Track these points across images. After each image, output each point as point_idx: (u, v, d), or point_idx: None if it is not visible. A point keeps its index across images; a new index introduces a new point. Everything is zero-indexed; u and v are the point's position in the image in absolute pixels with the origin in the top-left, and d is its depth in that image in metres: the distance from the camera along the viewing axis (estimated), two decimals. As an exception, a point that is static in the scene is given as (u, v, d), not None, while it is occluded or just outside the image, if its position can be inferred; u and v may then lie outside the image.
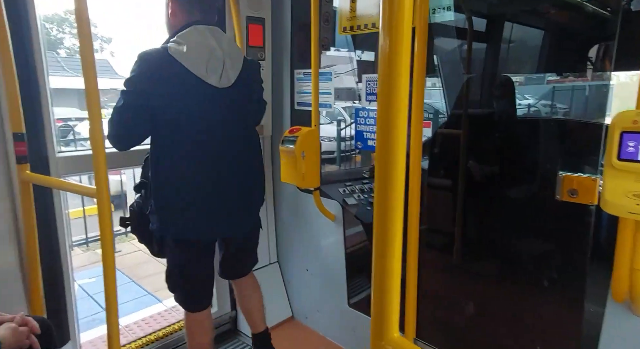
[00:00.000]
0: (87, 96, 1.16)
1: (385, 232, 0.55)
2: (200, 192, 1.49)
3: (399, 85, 0.53)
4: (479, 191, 2.26)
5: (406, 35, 0.52)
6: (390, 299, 0.56)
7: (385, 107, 0.55)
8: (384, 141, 0.55)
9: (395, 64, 0.53)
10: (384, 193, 0.55)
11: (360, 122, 1.99)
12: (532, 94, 2.92)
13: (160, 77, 1.37)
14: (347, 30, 1.95)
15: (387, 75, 0.54)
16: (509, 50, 2.58)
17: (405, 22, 0.52)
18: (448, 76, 2.69)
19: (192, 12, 1.47)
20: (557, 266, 1.85)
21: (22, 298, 1.56)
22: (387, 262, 0.55)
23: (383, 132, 0.55)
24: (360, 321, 2.11)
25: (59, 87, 18.59)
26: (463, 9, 2.08)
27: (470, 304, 2.12)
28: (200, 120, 1.45)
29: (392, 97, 0.54)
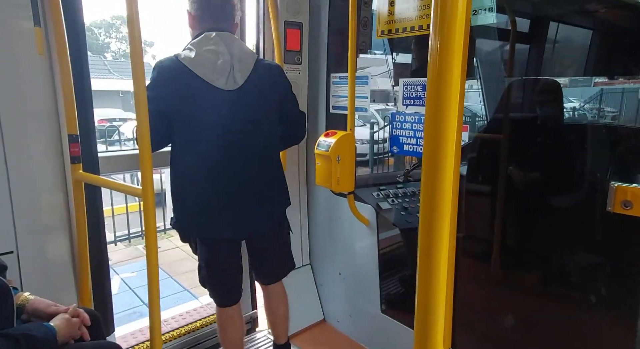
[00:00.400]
0: (136, 98, 1.21)
1: (431, 243, 0.53)
2: (208, 192, 1.56)
3: (450, 87, 0.52)
4: (519, 199, 2.17)
5: (458, 36, 0.51)
6: (437, 313, 0.55)
7: (434, 111, 0.53)
8: (433, 146, 0.53)
9: (446, 66, 0.51)
10: (431, 202, 0.54)
11: (396, 126, 1.97)
12: (578, 96, 2.78)
13: (172, 83, 1.46)
14: (384, 34, 1.93)
15: (437, 77, 0.52)
16: (554, 52, 2.47)
17: (458, 22, 0.51)
18: (488, 79, 2.61)
19: (205, 21, 1.56)
20: (606, 281, 1.74)
21: (72, 289, 1.65)
22: (432, 273, 0.54)
23: (431, 137, 0.54)
24: (394, 327, 2.07)
25: (105, 89, 19.67)
26: (506, 10, 2.02)
27: (508, 317, 2.04)
28: (209, 122, 1.50)
29: (442, 100, 0.52)
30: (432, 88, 0.54)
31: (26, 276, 1.54)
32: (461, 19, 0.53)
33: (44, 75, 1.52)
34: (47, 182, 1.59)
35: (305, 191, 2.50)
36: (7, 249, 1.50)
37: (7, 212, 1.50)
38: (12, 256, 1.51)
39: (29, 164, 1.53)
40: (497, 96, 2.31)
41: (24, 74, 1.49)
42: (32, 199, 1.55)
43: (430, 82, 0.54)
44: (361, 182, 2.50)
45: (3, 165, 1.47)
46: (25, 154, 1.52)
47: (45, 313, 1.22)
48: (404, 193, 2.48)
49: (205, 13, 1.55)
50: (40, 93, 1.53)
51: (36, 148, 1.55)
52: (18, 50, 1.46)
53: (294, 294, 2.47)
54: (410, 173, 2.53)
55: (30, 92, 1.51)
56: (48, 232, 1.61)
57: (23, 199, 1.53)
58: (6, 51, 1.43)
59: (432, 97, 0.54)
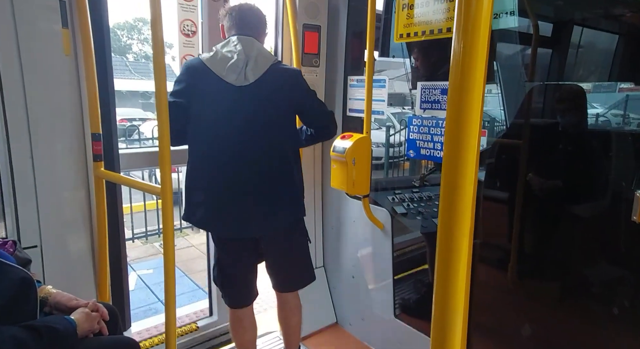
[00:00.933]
0: (157, 98, 1.23)
1: (450, 250, 0.53)
2: (211, 187, 1.57)
3: (472, 92, 0.51)
4: (539, 206, 2.12)
5: (482, 40, 0.50)
6: (455, 321, 0.54)
7: (455, 115, 0.53)
8: (454, 151, 0.53)
9: (468, 70, 0.51)
10: (450, 208, 0.53)
11: (413, 130, 1.95)
12: (601, 102, 2.71)
13: (190, 78, 1.56)
14: (403, 37, 1.93)
15: (459, 81, 0.52)
16: (577, 56, 2.41)
17: (482, 26, 0.50)
18: (508, 83, 2.56)
19: (232, 29, 1.68)
20: (631, 294, 1.68)
21: (91, 284, 1.70)
22: (451, 281, 0.53)
23: (452, 142, 0.53)
24: (407, 333, 2.05)
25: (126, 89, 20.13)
26: (528, 13, 1.98)
27: (525, 327, 1.99)
28: (217, 114, 1.55)
29: (464, 105, 0.52)
30: (455, 92, 0.53)
31: (49, 270, 1.59)
32: (485, 23, 0.52)
33: (69, 75, 1.57)
34: (70, 179, 1.63)
35: (320, 193, 2.50)
36: (32, 244, 1.55)
37: (33, 207, 1.55)
38: (36, 250, 1.56)
39: (54, 161, 1.58)
40: (518, 100, 2.27)
41: (51, 74, 1.54)
42: (56, 195, 1.60)
43: (452, 86, 0.54)
44: (377, 186, 2.49)
45: (29, 162, 1.53)
46: (50, 151, 1.57)
47: (67, 307, 1.25)
48: (420, 198, 2.46)
49: (234, 24, 1.66)
50: (66, 92, 1.58)
51: (61, 146, 1.60)
52: (46, 50, 1.52)
53: (306, 297, 2.47)
54: (426, 178, 2.51)
55: (56, 91, 1.56)
56: (70, 228, 1.66)
57: (47, 195, 1.58)
58: (35, 51, 1.49)
59: (454, 102, 0.54)
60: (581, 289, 1.87)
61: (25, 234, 1.55)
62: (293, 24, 2.07)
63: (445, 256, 0.55)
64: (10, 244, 1.25)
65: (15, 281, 1.07)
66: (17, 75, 1.46)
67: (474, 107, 0.52)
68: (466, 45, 0.52)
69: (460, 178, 0.53)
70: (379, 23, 2.06)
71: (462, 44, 0.53)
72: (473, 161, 0.54)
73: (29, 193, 1.54)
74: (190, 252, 4.02)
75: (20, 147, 1.50)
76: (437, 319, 0.57)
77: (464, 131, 0.53)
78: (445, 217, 0.56)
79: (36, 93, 1.51)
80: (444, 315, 0.56)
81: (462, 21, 0.52)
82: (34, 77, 1.50)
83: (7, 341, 0.98)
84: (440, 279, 0.56)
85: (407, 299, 2.24)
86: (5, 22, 1.42)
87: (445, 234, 0.55)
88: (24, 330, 1.03)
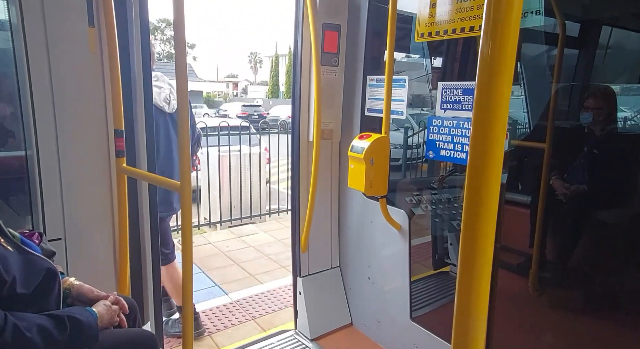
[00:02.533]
0: (178, 96, 1.25)
1: (474, 255, 0.51)
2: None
3: (501, 93, 0.50)
4: (562, 211, 2.06)
5: (512, 40, 0.49)
6: (477, 328, 0.52)
7: (482, 116, 0.51)
8: (479, 153, 0.51)
9: (497, 71, 0.49)
10: (475, 207, 0.52)
11: (433, 131, 1.92)
12: (630, 105, 2.61)
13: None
14: (424, 36, 1.90)
15: (487, 83, 0.50)
16: (606, 57, 2.33)
17: (512, 26, 0.48)
18: (532, 85, 2.50)
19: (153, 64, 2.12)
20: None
21: (112, 278, 1.73)
22: (474, 286, 0.52)
23: (478, 144, 0.52)
24: (423, 337, 2.02)
25: (148, 89, 20.46)
26: (555, 13, 1.92)
27: (547, 335, 1.94)
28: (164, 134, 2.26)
29: (491, 106, 0.50)
30: (482, 93, 0.52)
31: (72, 262, 1.63)
32: (515, 23, 0.51)
33: (95, 72, 1.61)
34: (94, 174, 1.67)
35: (337, 193, 2.49)
36: (56, 236, 1.60)
37: (58, 201, 1.59)
38: (60, 243, 1.60)
39: (79, 157, 1.63)
40: (542, 102, 2.20)
41: (78, 71, 1.58)
42: (81, 190, 1.64)
43: (479, 86, 0.52)
44: (395, 187, 2.46)
45: (56, 157, 1.57)
46: (76, 147, 1.61)
47: (88, 298, 1.28)
48: (439, 200, 2.42)
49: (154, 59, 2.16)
50: (91, 89, 1.62)
51: (86, 142, 1.64)
52: (73, 48, 1.56)
53: (321, 297, 2.47)
54: (445, 180, 2.46)
55: (82, 88, 1.60)
56: (93, 222, 1.70)
57: (72, 190, 1.62)
58: (63, 49, 1.53)
59: (482, 103, 0.52)
60: (608, 297, 1.81)
61: (50, 227, 1.59)
62: (313, 23, 2.07)
63: (468, 260, 0.53)
64: (37, 235, 1.29)
65: (41, 271, 1.11)
66: (46, 72, 1.51)
67: (501, 109, 0.51)
68: (495, 45, 0.51)
69: (486, 182, 0.51)
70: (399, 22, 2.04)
71: (490, 45, 0.51)
72: (499, 164, 0.53)
73: (55, 187, 1.58)
74: (207, 249, 4.07)
75: (47, 143, 1.55)
76: (458, 324, 0.56)
77: (491, 133, 0.52)
78: (469, 222, 0.54)
79: (63, 90, 1.55)
80: (466, 321, 0.55)
81: (491, 22, 0.51)
82: (61, 74, 1.54)
83: (33, 329, 1.01)
84: (463, 284, 0.54)
85: (424, 302, 2.21)
86: (36, 21, 1.47)
87: (469, 239, 0.53)
88: (49, 319, 1.06)
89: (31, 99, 1.51)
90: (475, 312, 0.52)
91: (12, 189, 1.77)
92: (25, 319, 1.02)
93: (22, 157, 1.62)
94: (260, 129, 5.46)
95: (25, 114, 1.54)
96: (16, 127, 1.66)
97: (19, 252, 1.11)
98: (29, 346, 0.99)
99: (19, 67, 1.53)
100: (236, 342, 2.42)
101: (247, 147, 4.96)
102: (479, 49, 0.51)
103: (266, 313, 2.78)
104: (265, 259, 3.85)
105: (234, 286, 3.23)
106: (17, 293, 1.03)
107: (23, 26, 1.46)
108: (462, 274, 0.54)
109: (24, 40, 1.47)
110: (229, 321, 2.68)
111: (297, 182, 2.36)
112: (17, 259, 1.07)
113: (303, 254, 2.40)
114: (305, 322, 2.37)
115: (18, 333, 0.98)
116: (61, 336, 1.05)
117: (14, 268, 1.04)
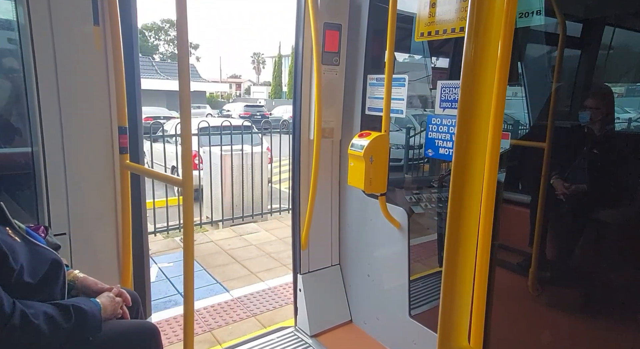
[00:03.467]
0: (181, 97, 1.28)
1: (458, 241, 0.53)
2: None
3: (482, 94, 0.52)
4: (562, 211, 2.07)
5: (494, 41, 0.51)
6: (460, 307, 0.55)
7: (465, 116, 0.53)
8: (462, 151, 0.53)
9: (479, 72, 0.51)
10: (459, 203, 0.54)
11: (432, 129, 1.94)
12: (635, 107, 2.61)
13: None
14: (424, 36, 1.92)
15: (470, 82, 0.52)
16: (608, 58, 2.33)
17: (494, 27, 0.50)
18: (533, 85, 2.51)
19: None
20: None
21: (115, 271, 1.77)
22: (458, 269, 0.54)
23: (461, 142, 0.54)
24: (422, 334, 2.04)
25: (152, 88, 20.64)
26: (555, 13, 1.93)
27: (546, 332, 1.95)
28: None
29: (473, 106, 0.52)
30: (466, 94, 0.54)
31: (76, 256, 1.66)
32: (498, 23, 0.53)
33: (99, 70, 1.64)
34: (98, 170, 1.71)
35: (337, 191, 2.51)
36: (61, 231, 1.63)
37: (62, 197, 1.63)
38: (64, 237, 1.64)
39: (83, 153, 1.66)
40: (542, 102, 2.21)
41: (83, 69, 1.62)
42: (85, 185, 1.68)
43: (463, 87, 0.54)
44: (395, 185, 2.47)
45: (61, 153, 1.60)
46: (80, 143, 1.64)
47: (92, 290, 1.31)
48: (438, 198, 2.44)
49: None
50: (96, 87, 1.65)
51: (91, 138, 1.67)
52: (79, 47, 1.59)
53: (321, 294, 2.49)
54: (445, 178, 2.48)
55: (87, 86, 1.64)
56: (97, 216, 1.73)
57: (77, 186, 1.65)
58: (69, 47, 1.57)
59: (465, 104, 0.54)
60: (607, 296, 1.81)
61: (55, 222, 1.62)
62: (314, 23, 2.09)
63: (452, 256, 0.55)
64: (42, 229, 1.32)
65: (47, 261, 1.14)
66: (52, 70, 1.54)
67: (484, 110, 0.53)
68: (477, 46, 0.53)
69: (469, 179, 0.54)
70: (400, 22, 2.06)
71: (473, 45, 0.53)
72: (482, 162, 0.55)
73: (60, 183, 1.61)
74: (209, 247, 4.10)
75: (53, 140, 1.58)
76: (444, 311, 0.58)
77: (475, 133, 0.54)
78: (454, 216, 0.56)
79: (69, 87, 1.59)
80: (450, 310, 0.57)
81: (474, 21, 0.53)
82: (67, 72, 1.57)
83: (40, 316, 1.04)
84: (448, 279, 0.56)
85: (423, 299, 2.22)
86: (42, 20, 1.50)
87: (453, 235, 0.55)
88: (55, 308, 1.09)
89: (37, 96, 1.54)
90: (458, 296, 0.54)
91: (18, 185, 1.81)
92: (33, 307, 1.05)
93: (28, 153, 1.65)
94: (262, 128, 5.49)
95: (31, 111, 1.58)
96: (22, 124, 1.70)
97: (25, 243, 1.14)
98: (36, 332, 1.02)
99: (26, 65, 1.56)
100: (237, 338, 2.44)
101: (249, 147, 4.99)
102: (464, 52, 0.53)
103: (267, 310, 2.81)
104: (266, 257, 3.87)
105: (235, 284, 3.26)
106: (25, 282, 1.06)
107: (30, 25, 1.49)
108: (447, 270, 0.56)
109: (31, 39, 1.50)
110: (230, 317, 2.70)
111: (297, 180, 2.38)
112: (24, 249, 1.10)
113: (303, 251, 2.42)
114: (305, 319, 2.39)
115: (26, 320, 1.01)
116: (66, 324, 1.08)
117: (22, 257, 1.07)
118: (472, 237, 0.56)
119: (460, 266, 0.56)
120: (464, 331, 0.55)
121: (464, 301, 0.54)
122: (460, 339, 0.56)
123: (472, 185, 0.55)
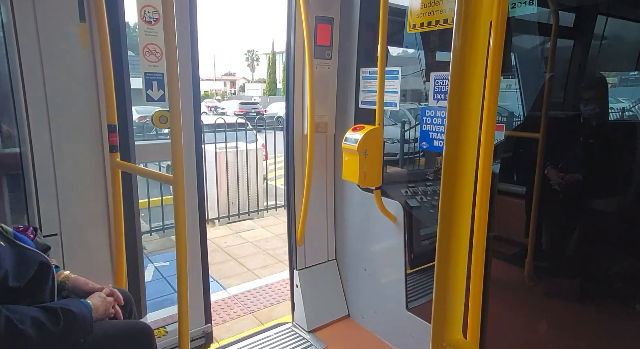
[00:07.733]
0: (169, 94, 1.26)
1: (450, 233, 0.52)
2: None
3: (472, 85, 0.50)
4: (557, 200, 2.07)
5: (482, 32, 0.49)
6: (454, 300, 0.54)
7: (455, 108, 0.52)
8: (453, 143, 0.52)
9: (468, 63, 0.50)
10: (451, 194, 0.53)
11: (426, 121, 1.93)
12: (628, 96, 2.61)
13: None
14: (417, 27, 1.90)
15: (459, 74, 0.51)
16: (601, 48, 2.33)
17: (483, 17, 0.49)
18: (526, 76, 2.50)
19: None
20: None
21: (109, 271, 1.74)
22: (451, 261, 0.53)
23: (452, 134, 0.53)
24: (419, 327, 2.04)
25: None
26: (548, 2, 1.92)
27: (542, 322, 1.95)
28: None
29: (463, 98, 0.51)
30: (454, 85, 0.53)
31: (68, 257, 1.64)
32: (487, 11, 0.51)
33: (87, 67, 1.61)
34: (89, 170, 1.68)
35: (332, 186, 2.50)
36: (52, 232, 1.61)
37: (52, 197, 1.60)
38: (56, 238, 1.61)
39: (73, 152, 1.63)
40: (535, 92, 2.21)
41: (70, 66, 1.58)
42: (75, 185, 1.65)
43: (452, 79, 0.53)
44: (390, 178, 2.47)
45: (49, 152, 1.57)
46: (69, 142, 1.61)
47: (84, 291, 1.29)
48: (434, 191, 2.43)
49: None
50: (84, 84, 1.62)
51: (80, 137, 1.64)
52: (65, 44, 1.56)
53: (318, 289, 2.49)
54: (440, 171, 2.47)
55: (74, 84, 1.60)
56: (88, 217, 1.71)
57: (67, 186, 1.62)
58: (54, 44, 1.53)
59: (454, 95, 0.53)
60: (603, 285, 1.82)
61: (45, 223, 1.60)
62: (305, 17, 2.07)
63: (444, 243, 0.54)
64: (31, 230, 1.29)
65: (34, 264, 1.12)
66: (38, 69, 1.51)
67: (473, 101, 0.52)
68: (466, 37, 0.51)
69: (460, 171, 0.53)
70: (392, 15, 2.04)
71: (461, 36, 0.52)
72: (473, 154, 0.54)
73: (49, 183, 1.59)
74: (205, 245, 4.10)
75: (41, 139, 1.55)
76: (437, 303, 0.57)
77: (463, 124, 0.53)
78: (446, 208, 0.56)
79: (56, 86, 1.56)
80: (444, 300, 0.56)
81: (462, 12, 0.52)
82: (54, 70, 1.54)
83: (26, 321, 1.02)
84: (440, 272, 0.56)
85: (419, 292, 2.22)
86: (27, 17, 1.47)
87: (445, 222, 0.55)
88: (42, 311, 1.07)
89: (24, 95, 1.51)
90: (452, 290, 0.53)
91: (8, 186, 1.78)
92: (18, 311, 1.03)
93: (16, 154, 1.62)
94: (257, 125, 5.46)
95: (18, 110, 1.55)
96: (10, 124, 1.67)
97: (11, 246, 1.11)
98: (22, 337, 1.00)
99: (11, 63, 1.53)
100: (235, 335, 2.44)
101: (244, 144, 4.96)
102: (452, 44, 0.52)
103: (264, 306, 2.80)
104: (263, 254, 3.86)
105: (233, 281, 3.25)
106: (10, 287, 1.04)
107: (14, 23, 1.46)
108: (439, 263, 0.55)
109: (16, 36, 1.47)
110: (227, 315, 2.69)
111: (292, 176, 2.37)
112: (9, 253, 1.08)
113: (299, 247, 2.41)
114: (303, 314, 2.39)
115: (11, 325, 0.99)
116: (55, 327, 1.06)
117: (6, 262, 1.05)
118: (464, 229, 0.55)
119: (453, 258, 0.55)
120: (458, 324, 0.54)
121: (458, 294, 0.53)
122: (454, 332, 0.55)
123: (464, 176, 0.54)
